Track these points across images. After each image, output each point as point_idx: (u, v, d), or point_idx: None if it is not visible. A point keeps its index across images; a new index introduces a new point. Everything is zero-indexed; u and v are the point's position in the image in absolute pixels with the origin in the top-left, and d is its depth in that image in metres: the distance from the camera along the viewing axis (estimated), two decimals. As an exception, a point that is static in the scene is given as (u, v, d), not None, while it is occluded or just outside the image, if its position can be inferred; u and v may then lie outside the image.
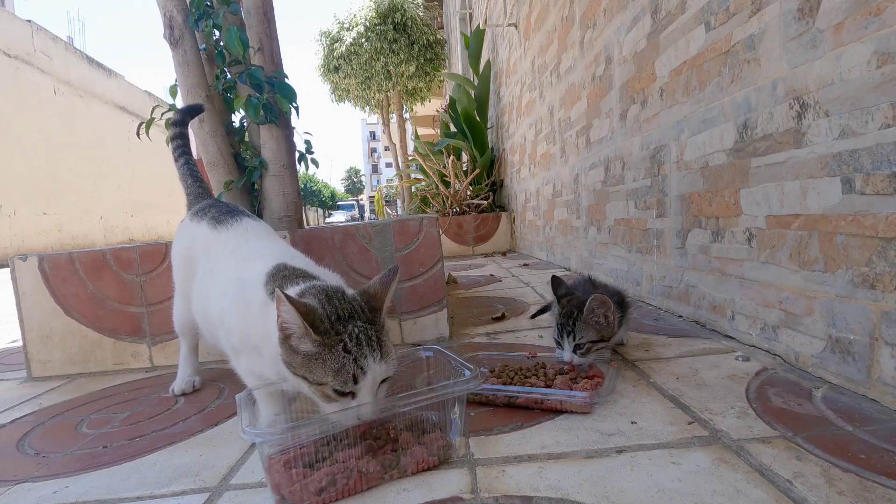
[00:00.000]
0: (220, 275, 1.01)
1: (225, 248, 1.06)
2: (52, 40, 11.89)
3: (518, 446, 0.83)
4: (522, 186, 4.26)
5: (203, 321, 1.09)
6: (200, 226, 1.14)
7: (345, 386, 0.72)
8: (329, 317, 0.74)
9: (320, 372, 0.72)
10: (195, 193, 1.31)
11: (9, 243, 9.92)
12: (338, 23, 10.24)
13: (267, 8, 1.67)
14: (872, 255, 0.87)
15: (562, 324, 1.11)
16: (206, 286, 1.05)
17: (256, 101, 1.61)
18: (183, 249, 1.18)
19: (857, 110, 0.88)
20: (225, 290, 0.95)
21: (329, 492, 0.71)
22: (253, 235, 1.09)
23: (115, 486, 0.82)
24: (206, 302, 1.03)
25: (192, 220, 1.18)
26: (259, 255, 0.99)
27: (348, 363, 0.72)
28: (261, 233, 1.11)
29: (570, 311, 1.12)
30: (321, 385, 0.73)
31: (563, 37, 2.76)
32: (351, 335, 0.74)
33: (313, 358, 0.73)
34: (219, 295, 0.96)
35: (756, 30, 1.14)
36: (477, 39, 5.49)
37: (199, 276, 1.09)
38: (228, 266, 1.01)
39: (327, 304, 0.76)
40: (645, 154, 1.78)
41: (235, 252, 1.04)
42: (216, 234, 1.10)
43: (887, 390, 0.85)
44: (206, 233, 1.12)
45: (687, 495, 0.66)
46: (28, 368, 1.52)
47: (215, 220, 1.13)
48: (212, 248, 1.08)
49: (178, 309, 1.23)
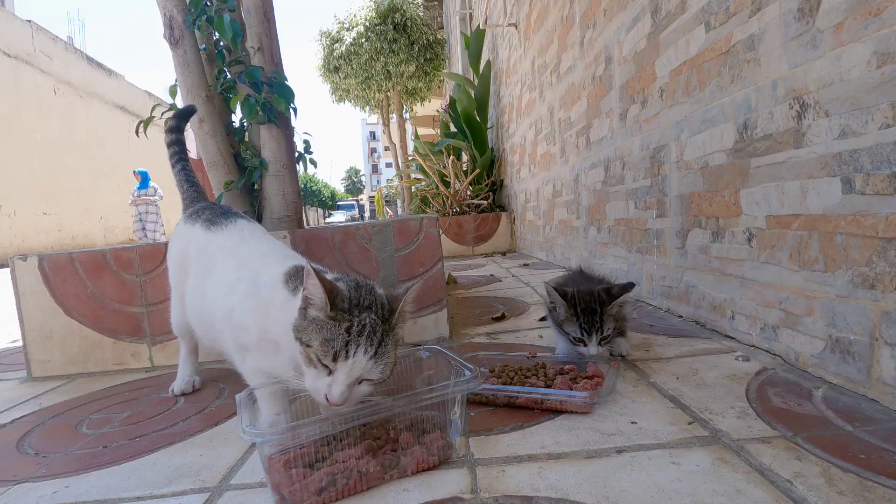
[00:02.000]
0: (219, 275, 1.02)
1: (221, 249, 1.06)
2: (52, 40, 11.89)
3: (518, 446, 0.83)
4: (522, 186, 4.26)
5: (199, 321, 1.09)
6: (195, 228, 1.15)
7: (324, 356, 0.75)
8: (350, 300, 0.79)
9: (314, 335, 0.76)
10: (191, 198, 1.31)
11: (9, 243, 9.92)
12: (338, 23, 10.24)
13: (267, 8, 1.67)
14: (872, 255, 0.87)
15: (586, 323, 1.11)
16: (202, 287, 1.05)
17: (254, 101, 1.61)
18: (178, 252, 1.18)
19: (857, 110, 0.88)
20: (229, 289, 0.96)
21: (329, 492, 0.71)
22: (250, 236, 1.09)
23: (115, 486, 0.82)
24: (203, 302, 1.04)
25: (187, 223, 1.19)
26: (264, 256, 1.01)
27: (339, 340, 0.75)
28: (257, 234, 1.12)
29: (591, 307, 1.12)
30: (308, 347, 0.76)
31: (563, 37, 2.76)
32: (360, 322, 0.76)
33: (317, 324, 0.77)
34: (221, 294, 0.97)
35: (756, 30, 1.14)
36: (477, 39, 5.49)
37: (192, 278, 1.09)
38: (228, 266, 1.01)
39: (353, 291, 0.80)
40: (645, 154, 1.78)
41: (234, 253, 1.04)
42: (211, 235, 1.10)
43: (887, 390, 0.85)
44: (200, 235, 1.12)
45: (687, 495, 0.66)
46: (28, 368, 1.52)
47: (209, 221, 1.13)
48: (207, 249, 1.09)
49: (176, 311, 1.23)
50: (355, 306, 0.78)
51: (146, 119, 1.76)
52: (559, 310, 1.16)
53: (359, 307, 0.78)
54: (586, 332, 1.11)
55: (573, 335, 1.13)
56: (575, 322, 1.12)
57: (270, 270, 0.94)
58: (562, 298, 1.14)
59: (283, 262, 0.95)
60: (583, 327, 1.11)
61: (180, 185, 1.35)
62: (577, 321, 1.12)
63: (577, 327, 1.12)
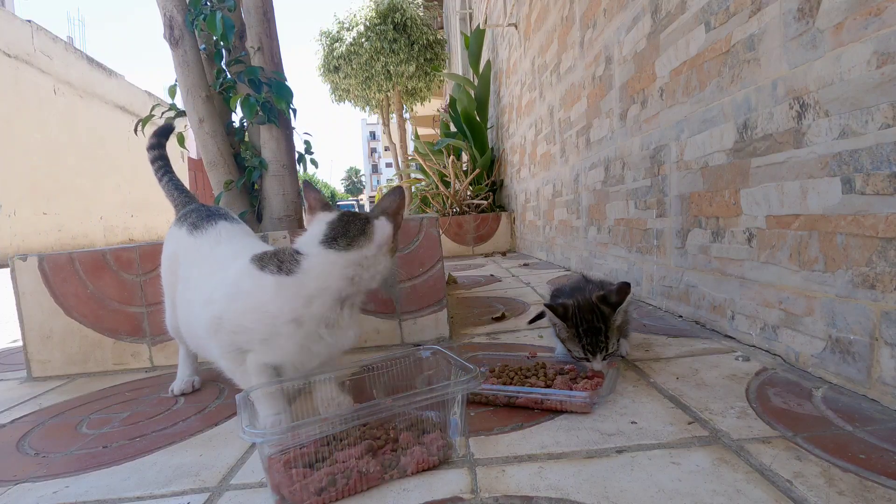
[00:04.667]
0: (196, 283, 1.01)
1: (199, 253, 1.06)
2: (52, 40, 11.88)
3: (518, 446, 0.83)
4: (522, 186, 4.26)
5: (187, 332, 1.08)
6: (182, 231, 1.15)
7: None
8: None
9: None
10: (182, 203, 1.30)
11: (9, 243, 9.92)
12: (338, 23, 10.24)
13: (267, 8, 1.67)
14: (872, 255, 0.87)
15: (590, 343, 1.04)
16: (186, 297, 1.04)
17: (253, 101, 1.61)
18: (168, 256, 1.18)
19: (857, 110, 0.88)
20: (207, 298, 0.94)
21: (329, 492, 0.71)
22: (226, 238, 1.08)
23: (115, 486, 0.82)
24: (190, 313, 1.02)
25: (176, 225, 1.19)
26: (234, 257, 0.98)
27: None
28: (235, 235, 1.10)
29: (595, 328, 1.04)
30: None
31: (563, 37, 2.76)
32: None
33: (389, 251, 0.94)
34: (201, 304, 0.95)
35: (756, 30, 1.14)
36: (477, 39, 5.49)
37: (181, 282, 1.09)
38: (204, 272, 1.01)
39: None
40: (645, 154, 1.78)
41: (209, 257, 1.03)
42: (193, 240, 1.10)
43: (887, 390, 0.85)
44: (185, 239, 1.12)
45: (687, 495, 0.66)
46: (28, 368, 1.52)
47: (193, 225, 1.12)
48: (188, 255, 1.08)
49: (168, 314, 1.23)
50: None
51: (145, 118, 1.76)
52: (560, 330, 1.10)
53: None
54: (590, 352, 1.05)
55: (576, 354, 1.07)
56: (578, 343, 1.05)
57: (237, 265, 0.94)
58: (561, 320, 1.07)
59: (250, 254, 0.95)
60: (587, 349, 1.05)
61: (170, 194, 1.33)
62: (580, 342, 1.05)
63: (580, 348, 1.06)
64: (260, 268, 0.90)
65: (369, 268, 0.92)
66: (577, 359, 1.07)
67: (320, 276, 0.89)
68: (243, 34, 1.71)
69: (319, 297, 0.89)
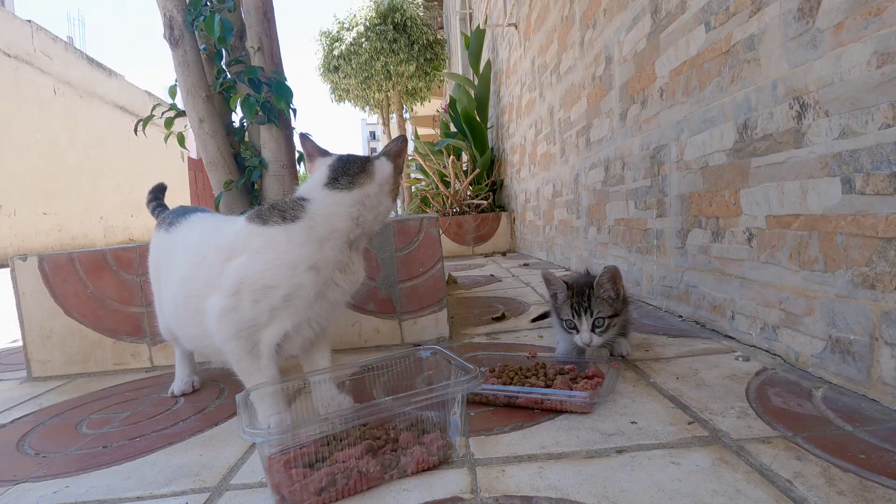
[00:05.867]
0: (180, 276, 1.00)
1: (177, 245, 1.06)
2: (52, 40, 11.88)
3: (518, 446, 0.83)
4: (522, 186, 4.26)
5: (179, 328, 1.07)
6: (160, 233, 1.16)
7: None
8: None
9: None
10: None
11: (9, 243, 9.92)
12: (338, 23, 10.24)
13: (267, 8, 1.67)
14: (872, 255, 0.87)
15: (576, 303, 1.14)
16: (172, 291, 1.04)
17: (253, 101, 1.61)
18: (153, 258, 1.19)
19: (857, 110, 0.88)
20: (204, 283, 0.93)
21: (329, 492, 0.71)
22: (197, 223, 1.07)
23: (115, 486, 0.82)
24: (178, 306, 1.01)
25: (156, 230, 1.20)
26: (213, 231, 0.99)
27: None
28: (206, 219, 1.09)
29: (582, 289, 1.16)
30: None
31: (563, 37, 2.76)
32: None
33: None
34: (199, 298, 0.94)
35: (756, 30, 1.14)
36: (477, 39, 5.49)
37: (163, 283, 1.10)
38: (185, 260, 1.00)
39: None
40: (645, 154, 1.78)
41: (187, 245, 1.02)
42: (170, 236, 1.10)
43: (887, 390, 0.85)
44: (164, 238, 1.13)
45: (687, 495, 0.66)
46: (28, 368, 1.52)
47: (169, 224, 1.13)
48: (168, 251, 1.08)
49: (160, 317, 1.22)
50: None
51: (145, 118, 1.75)
52: (559, 295, 1.20)
53: None
54: (576, 313, 1.14)
55: (566, 318, 1.17)
56: (569, 306, 1.17)
57: (232, 227, 0.94)
58: (563, 283, 1.20)
59: (236, 222, 0.96)
60: (573, 308, 1.15)
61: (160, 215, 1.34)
62: (569, 303, 1.17)
63: (569, 309, 1.16)
64: (263, 223, 0.90)
65: (372, 208, 0.95)
66: (569, 328, 1.17)
67: (328, 217, 0.91)
68: (243, 34, 1.71)
69: (330, 240, 0.91)
